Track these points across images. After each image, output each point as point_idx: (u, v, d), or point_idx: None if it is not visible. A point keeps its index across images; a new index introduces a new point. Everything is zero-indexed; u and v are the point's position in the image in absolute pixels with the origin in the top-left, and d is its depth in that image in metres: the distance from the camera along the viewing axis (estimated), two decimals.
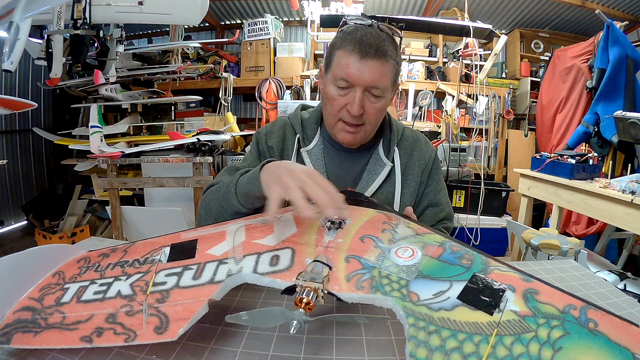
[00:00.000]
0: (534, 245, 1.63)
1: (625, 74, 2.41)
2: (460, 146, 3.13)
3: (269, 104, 3.52)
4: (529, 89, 3.74)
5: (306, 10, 3.36)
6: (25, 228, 3.66)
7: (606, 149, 2.44)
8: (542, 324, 0.40)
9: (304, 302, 0.45)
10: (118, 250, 0.63)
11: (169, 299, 0.50)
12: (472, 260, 0.49)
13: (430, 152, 0.96)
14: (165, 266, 0.56)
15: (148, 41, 4.48)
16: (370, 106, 0.79)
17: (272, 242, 0.57)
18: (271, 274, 0.51)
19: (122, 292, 0.53)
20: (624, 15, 3.54)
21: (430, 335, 0.40)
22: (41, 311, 0.52)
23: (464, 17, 3.43)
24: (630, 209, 1.72)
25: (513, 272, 0.47)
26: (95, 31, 2.03)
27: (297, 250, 0.54)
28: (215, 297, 0.49)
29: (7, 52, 1.66)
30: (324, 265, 0.49)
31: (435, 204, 0.94)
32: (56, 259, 0.63)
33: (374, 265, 0.50)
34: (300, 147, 0.91)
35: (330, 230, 0.57)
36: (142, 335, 0.46)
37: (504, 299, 0.42)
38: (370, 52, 0.75)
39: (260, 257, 0.54)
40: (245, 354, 0.50)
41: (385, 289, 0.46)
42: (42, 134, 3.19)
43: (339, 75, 0.78)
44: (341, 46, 0.78)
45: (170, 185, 2.24)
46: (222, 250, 0.57)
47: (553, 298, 0.43)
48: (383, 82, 0.77)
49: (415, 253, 0.51)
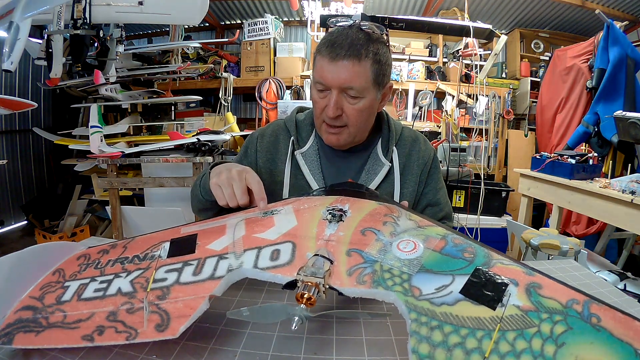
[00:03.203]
0: (534, 245, 1.63)
1: (625, 74, 2.41)
2: (460, 146, 3.13)
3: (269, 104, 3.52)
4: (529, 89, 3.74)
5: (306, 10, 3.36)
6: (25, 228, 3.66)
7: (606, 149, 2.44)
8: (545, 319, 0.39)
9: (305, 298, 0.44)
10: (118, 246, 0.63)
11: (169, 296, 0.50)
12: (474, 253, 0.49)
13: (429, 151, 0.96)
14: (165, 262, 0.56)
15: (148, 41, 4.47)
16: (349, 107, 0.79)
17: (273, 236, 0.57)
18: (272, 269, 0.51)
19: (122, 289, 0.52)
20: (624, 15, 3.54)
21: (432, 330, 0.40)
22: (42, 310, 0.52)
23: (464, 17, 3.43)
24: (630, 209, 1.72)
25: (516, 265, 0.47)
26: (95, 31, 2.03)
27: (297, 244, 0.54)
28: (216, 292, 0.49)
29: (7, 52, 1.66)
30: (325, 260, 0.49)
31: (434, 203, 0.94)
32: (56, 257, 0.63)
33: (375, 259, 0.50)
34: (294, 150, 0.91)
35: (331, 223, 0.57)
36: (143, 333, 0.45)
37: (506, 293, 0.42)
38: (341, 53, 0.75)
39: (260, 252, 0.54)
40: (245, 354, 0.50)
41: (387, 284, 0.46)
42: (42, 134, 3.19)
43: (316, 78, 0.80)
44: (318, 50, 0.80)
45: (170, 185, 2.24)
46: (222, 244, 0.57)
47: (556, 292, 0.43)
48: (357, 82, 0.76)
49: (417, 246, 0.51)
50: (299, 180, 0.90)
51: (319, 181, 0.89)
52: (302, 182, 0.90)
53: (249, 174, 0.68)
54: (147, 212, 2.43)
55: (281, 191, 0.90)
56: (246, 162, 0.94)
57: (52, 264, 0.61)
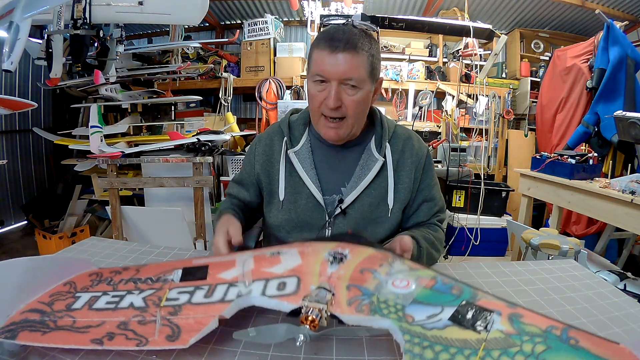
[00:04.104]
0: (534, 245, 1.63)
1: (625, 74, 2.41)
2: (460, 146, 3.12)
3: (269, 104, 3.52)
4: (529, 89, 3.74)
5: (306, 10, 3.36)
6: (25, 228, 3.66)
7: (606, 149, 2.44)
8: (526, 340, 0.44)
9: (309, 320, 0.48)
10: (130, 268, 0.66)
11: (181, 313, 0.52)
12: (461, 290, 0.55)
13: (422, 148, 0.99)
14: (177, 285, 0.59)
15: (148, 41, 4.47)
16: (347, 98, 0.83)
17: (279, 271, 0.61)
18: (278, 297, 0.54)
19: (134, 304, 0.54)
20: (624, 15, 3.54)
21: (424, 349, 0.44)
22: (50, 314, 0.52)
23: (464, 17, 3.43)
24: (630, 209, 1.72)
25: (499, 300, 0.53)
26: (95, 31, 2.02)
27: (302, 278, 0.58)
28: (225, 314, 0.52)
29: (7, 52, 1.66)
30: (327, 291, 0.54)
31: (430, 198, 0.97)
32: (69, 271, 0.64)
33: (372, 293, 0.55)
34: (288, 149, 0.95)
35: (332, 263, 0.62)
36: (154, 342, 0.47)
37: (490, 320, 0.47)
38: (340, 45, 0.79)
39: (268, 283, 0.58)
40: (245, 354, 0.50)
41: (383, 312, 0.51)
42: (42, 134, 3.19)
43: (315, 71, 0.83)
44: (316, 45, 0.84)
45: (170, 185, 2.24)
46: (233, 275, 0.61)
47: (537, 320, 0.48)
48: (356, 73, 0.80)
49: (410, 283, 0.56)
50: (293, 177, 0.94)
51: (313, 177, 0.92)
52: (296, 179, 0.93)
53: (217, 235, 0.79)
54: (147, 212, 2.43)
55: (278, 190, 0.94)
56: (249, 167, 1.01)
57: (64, 276, 0.63)
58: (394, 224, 0.94)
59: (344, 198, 0.91)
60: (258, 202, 1.02)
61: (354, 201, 0.91)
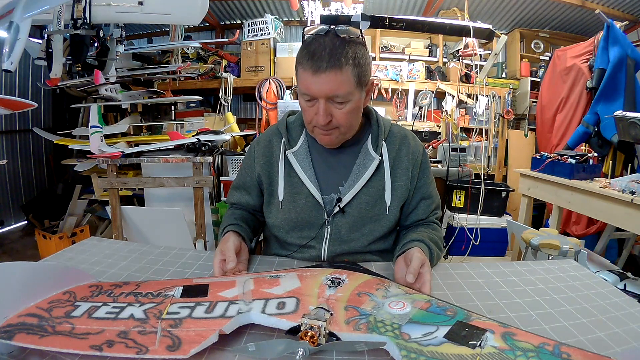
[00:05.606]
0: (534, 245, 1.63)
1: (625, 74, 2.41)
2: (460, 146, 3.12)
3: (269, 104, 3.52)
4: (529, 89, 3.74)
5: (306, 10, 3.35)
6: (25, 228, 3.66)
7: (606, 149, 2.44)
8: (519, 355, 0.46)
9: (308, 336, 0.49)
10: (130, 283, 0.66)
11: (181, 326, 0.52)
12: (455, 312, 0.57)
13: (418, 147, 1.00)
14: (178, 300, 0.60)
15: (148, 41, 4.47)
16: (337, 112, 0.84)
17: (279, 292, 0.63)
18: (278, 315, 0.55)
19: (135, 315, 0.54)
20: (624, 15, 3.54)
21: None
22: (49, 319, 0.52)
23: (464, 17, 3.43)
24: (630, 209, 1.72)
25: (492, 321, 0.55)
26: (95, 31, 2.02)
27: (301, 299, 0.60)
28: (225, 329, 0.52)
29: (7, 52, 1.66)
30: (326, 311, 0.55)
31: (427, 196, 0.99)
32: (69, 281, 0.65)
33: (370, 313, 0.57)
34: (286, 150, 0.96)
35: (330, 287, 0.64)
36: (154, 351, 0.47)
37: (484, 338, 0.50)
38: (323, 65, 0.78)
39: (268, 302, 0.59)
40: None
41: (380, 330, 0.53)
42: (42, 134, 3.19)
43: (302, 90, 0.84)
44: (299, 62, 0.82)
45: (170, 185, 2.24)
46: (233, 294, 0.62)
47: (529, 338, 0.50)
48: (342, 89, 0.80)
49: (406, 305, 0.59)
50: (292, 178, 0.95)
51: (311, 177, 0.93)
52: (295, 180, 0.95)
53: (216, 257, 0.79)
54: (147, 212, 2.42)
55: (277, 190, 0.95)
56: (249, 170, 1.01)
57: (64, 285, 0.63)
58: (391, 221, 0.95)
59: (342, 197, 0.92)
60: (262, 204, 1.03)
61: (352, 199, 0.92)
